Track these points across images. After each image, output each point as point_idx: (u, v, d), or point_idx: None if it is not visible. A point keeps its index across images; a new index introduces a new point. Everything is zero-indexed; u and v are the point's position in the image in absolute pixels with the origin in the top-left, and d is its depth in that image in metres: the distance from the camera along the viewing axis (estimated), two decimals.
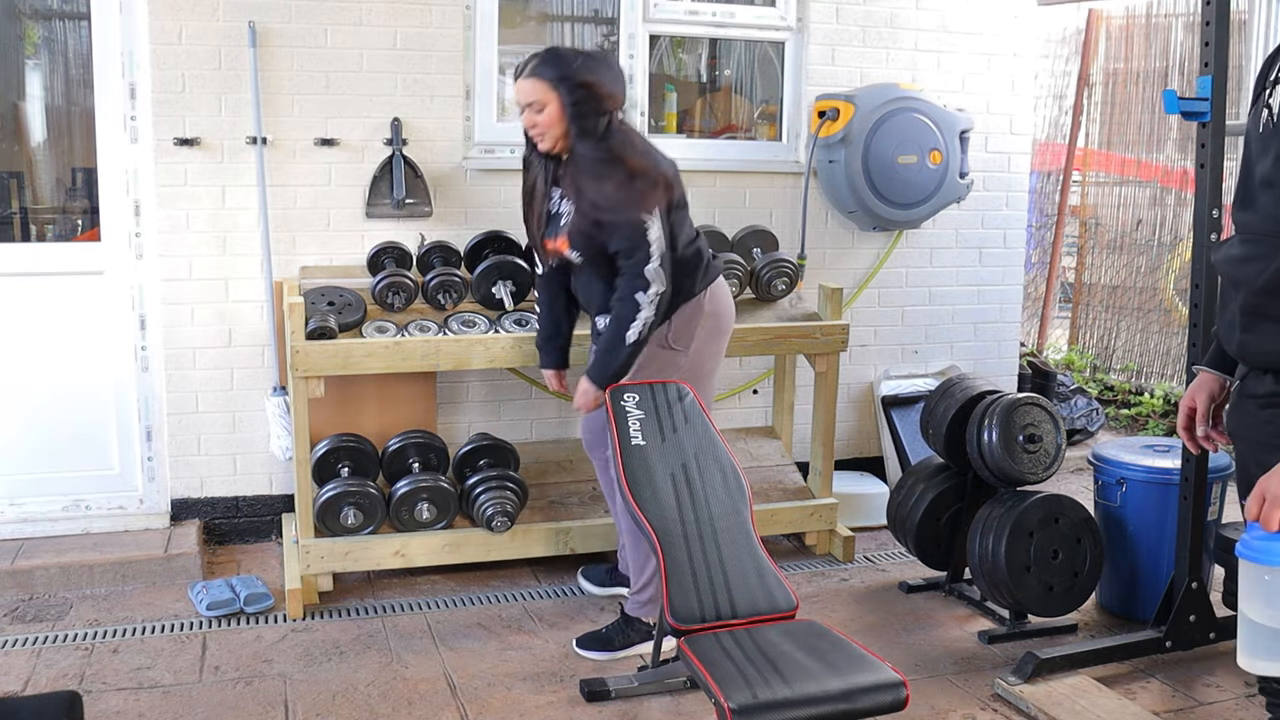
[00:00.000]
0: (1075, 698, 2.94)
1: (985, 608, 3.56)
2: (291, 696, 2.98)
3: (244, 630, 3.39)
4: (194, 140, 3.83)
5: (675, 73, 4.75)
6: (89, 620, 3.43)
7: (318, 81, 3.91)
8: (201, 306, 3.93)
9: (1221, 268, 1.92)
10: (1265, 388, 1.85)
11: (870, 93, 4.34)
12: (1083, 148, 6.61)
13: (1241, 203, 1.87)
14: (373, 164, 4.00)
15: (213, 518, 4.06)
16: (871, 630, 3.45)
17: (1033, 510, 3.30)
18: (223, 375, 3.98)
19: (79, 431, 3.94)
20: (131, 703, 2.93)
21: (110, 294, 3.91)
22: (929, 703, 2.99)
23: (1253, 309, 1.78)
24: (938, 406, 3.62)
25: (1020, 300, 5.05)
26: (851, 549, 4.07)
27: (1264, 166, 1.79)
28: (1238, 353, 1.88)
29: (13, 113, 4.00)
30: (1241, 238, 1.86)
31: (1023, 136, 4.85)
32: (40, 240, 4.03)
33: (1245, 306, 1.81)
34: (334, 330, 3.54)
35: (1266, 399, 1.84)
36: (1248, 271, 1.79)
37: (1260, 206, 1.80)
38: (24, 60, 4.02)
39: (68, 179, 4.09)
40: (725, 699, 2.13)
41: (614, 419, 2.85)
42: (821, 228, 4.56)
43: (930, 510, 3.61)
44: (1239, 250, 1.84)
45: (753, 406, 4.56)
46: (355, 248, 4.01)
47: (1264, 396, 1.85)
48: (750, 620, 2.52)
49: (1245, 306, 1.81)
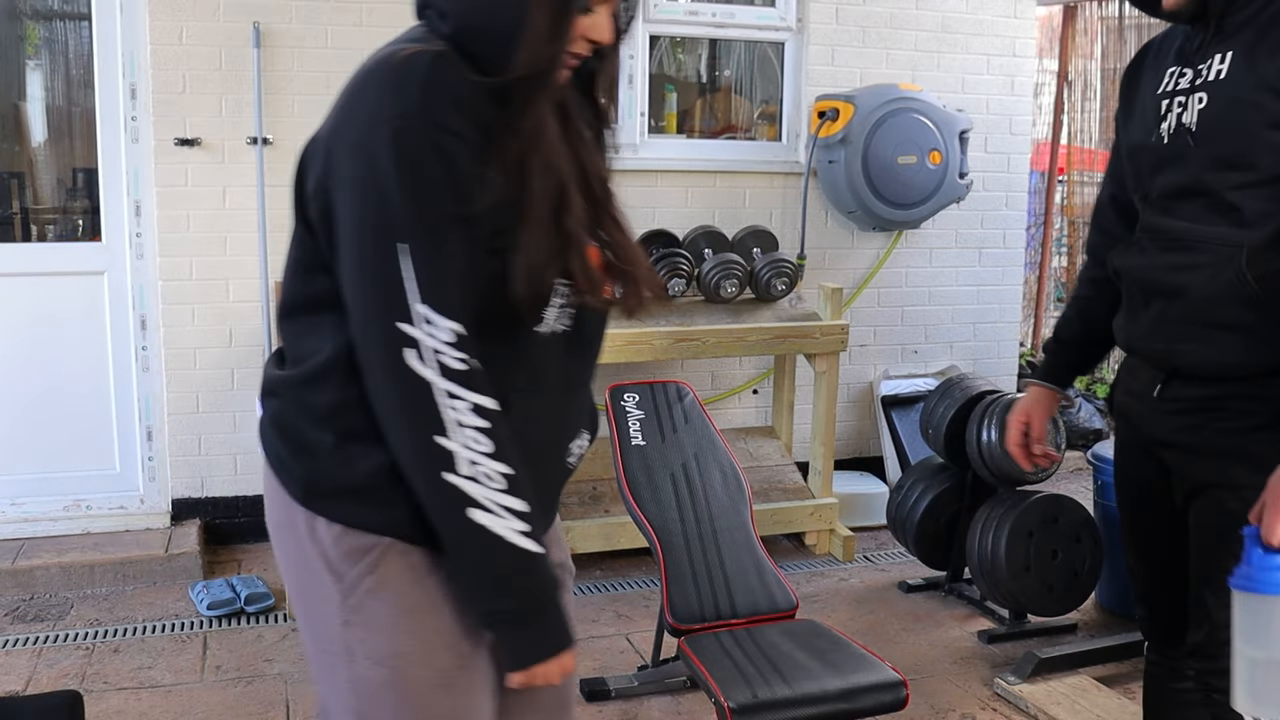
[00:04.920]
0: (1075, 697, 2.95)
1: (985, 607, 3.56)
2: (292, 696, 2.98)
3: (245, 630, 3.39)
4: (195, 140, 3.83)
5: (675, 73, 4.76)
6: (90, 620, 3.43)
7: (318, 82, 3.92)
8: (202, 306, 3.93)
9: (1140, 274, 1.87)
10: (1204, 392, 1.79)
11: (870, 93, 4.34)
12: (1066, 145, 6.61)
13: (1159, 209, 1.85)
14: None
15: (213, 517, 4.06)
16: (871, 630, 3.45)
17: (1032, 510, 3.30)
18: (223, 375, 3.98)
19: (80, 431, 3.94)
20: (132, 702, 2.93)
21: (111, 294, 3.91)
22: (929, 702, 2.99)
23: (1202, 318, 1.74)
24: (938, 406, 3.62)
25: (1020, 300, 5.06)
26: (851, 549, 4.07)
27: (1179, 176, 1.80)
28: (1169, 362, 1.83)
29: (14, 113, 4.00)
30: (1161, 244, 1.84)
31: (1022, 136, 4.85)
32: (41, 240, 4.03)
33: (1188, 315, 1.77)
34: None
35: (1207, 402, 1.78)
36: (1190, 279, 1.76)
37: (1182, 215, 1.79)
38: (25, 61, 4.02)
39: (68, 179, 4.09)
40: (725, 698, 2.13)
41: (614, 419, 2.85)
42: (821, 228, 4.57)
43: (930, 510, 3.61)
44: (1169, 258, 1.81)
45: (753, 406, 4.56)
46: None
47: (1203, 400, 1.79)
48: (750, 620, 2.52)
49: (1188, 315, 1.77)
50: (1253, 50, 1.69)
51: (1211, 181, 1.75)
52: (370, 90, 1.28)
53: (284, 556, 1.41)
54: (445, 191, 1.23)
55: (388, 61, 1.28)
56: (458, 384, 1.24)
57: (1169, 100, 1.82)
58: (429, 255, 1.23)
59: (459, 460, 1.24)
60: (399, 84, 1.25)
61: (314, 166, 1.32)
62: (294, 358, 1.39)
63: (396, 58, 1.28)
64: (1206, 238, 1.76)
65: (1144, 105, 1.90)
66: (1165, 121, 1.82)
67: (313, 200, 1.31)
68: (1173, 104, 1.81)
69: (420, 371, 1.23)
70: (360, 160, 1.24)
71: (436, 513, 1.27)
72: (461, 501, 1.25)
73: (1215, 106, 1.73)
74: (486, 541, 1.26)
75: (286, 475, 1.37)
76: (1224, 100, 1.71)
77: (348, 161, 1.26)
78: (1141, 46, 2.01)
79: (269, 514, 1.43)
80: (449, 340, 1.24)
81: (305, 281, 1.37)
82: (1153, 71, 1.90)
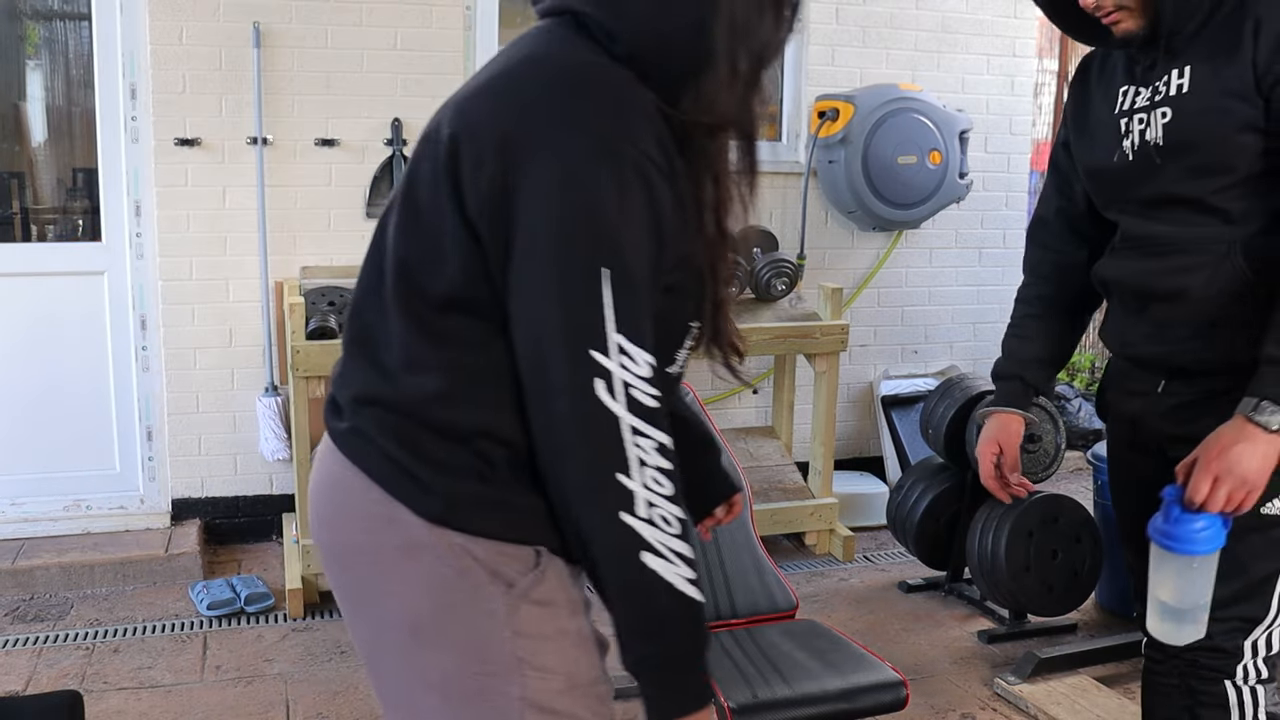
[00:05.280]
0: (1075, 697, 2.95)
1: (985, 607, 3.56)
2: (292, 696, 2.98)
3: (245, 630, 3.39)
4: (195, 140, 3.83)
5: None
6: (90, 620, 3.43)
7: (318, 82, 3.92)
8: (202, 306, 3.93)
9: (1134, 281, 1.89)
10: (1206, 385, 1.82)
11: (870, 93, 4.34)
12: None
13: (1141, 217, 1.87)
14: (373, 164, 4.01)
15: (213, 517, 4.06)
16: (871, 630, 3.45)
17: (1032, 510, 3.30)
18: (223, 375, 3.98)
19: (80, 431, 3.94)
20: (133, 702, 2.93)
21: (111, 294, 3.91)
22: (929, 702, 2.99)
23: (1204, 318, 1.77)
24: (938, 406, 3.62)
25: None
26: (851, 549, 4.07)
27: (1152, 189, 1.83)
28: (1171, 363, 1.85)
29: (14, 113, 4.00)
30: (1150, 251, 1.86)
31: (1022, 136, 4.85)
32: (41, 240, 4.03)
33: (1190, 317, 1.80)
34: (334, 330, 3.54)
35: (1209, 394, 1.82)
36: (1189, 281, 1.79)
37: (1173, 220, 1.82)
38: (25, 61, 4.02)
39: (68, 179, 4.09)
40: (725, 698, 2.13)
41: None
42: (821, 228, 4.57)
43: (930, 510, 3.61)
44: (1162, 262, 1.84)
45: (753, 406, 4.56)
46: (355, 248, 4.01)
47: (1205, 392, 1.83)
48: (750, 620, 2.52)
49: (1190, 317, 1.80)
50: (1212, 60, 1.73)
51: (1190, 190, 1.79)
52: (559, 94, 1.16)
53: (395, 579, 1.25)
54: (648, 218, 1.15)
55: (567, 66, 1.18)
56: (646, 420, 1.15)
57: (1128, 119, 1.85)
58: (632, 282, 1.13)
59: (638, 501, 1.15)
60: (597, 96, 1.15)
61: (478, 159, 1.17)
62: (408, 365, 1.23)
63: (581, 66, 1.18)
64: (1198, 239, 1.79)
65: (1099, 125, 1.92)
66: (1127, 139, 1.85)
67: (486, 200, 1.16)
68: (1132, 121, 1.84)
69: (609, 405, 1.14)
70: (566, 169, 1.12)
71: (605, 552, 1.18)
72: (636, 545, 1.16)
73: (1183, 119, 1.76)
74: (655, 587, 1.17)
75: (413, 492, 1.22)
76: (1192, 112, 1.75)
77: (546, 168, 1.13)
78: (1080, 63, 2.03)
79: (354, 532, 1.27)
80: (643, 374, 1.15)
81: (432, 280, 1.21)
82: (1102, 91, 1.93)
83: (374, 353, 1.26)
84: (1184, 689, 1.86)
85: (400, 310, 1.23)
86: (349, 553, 1.29)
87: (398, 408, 1.24)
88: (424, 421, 1.22)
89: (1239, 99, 1.70)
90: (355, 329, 1.31)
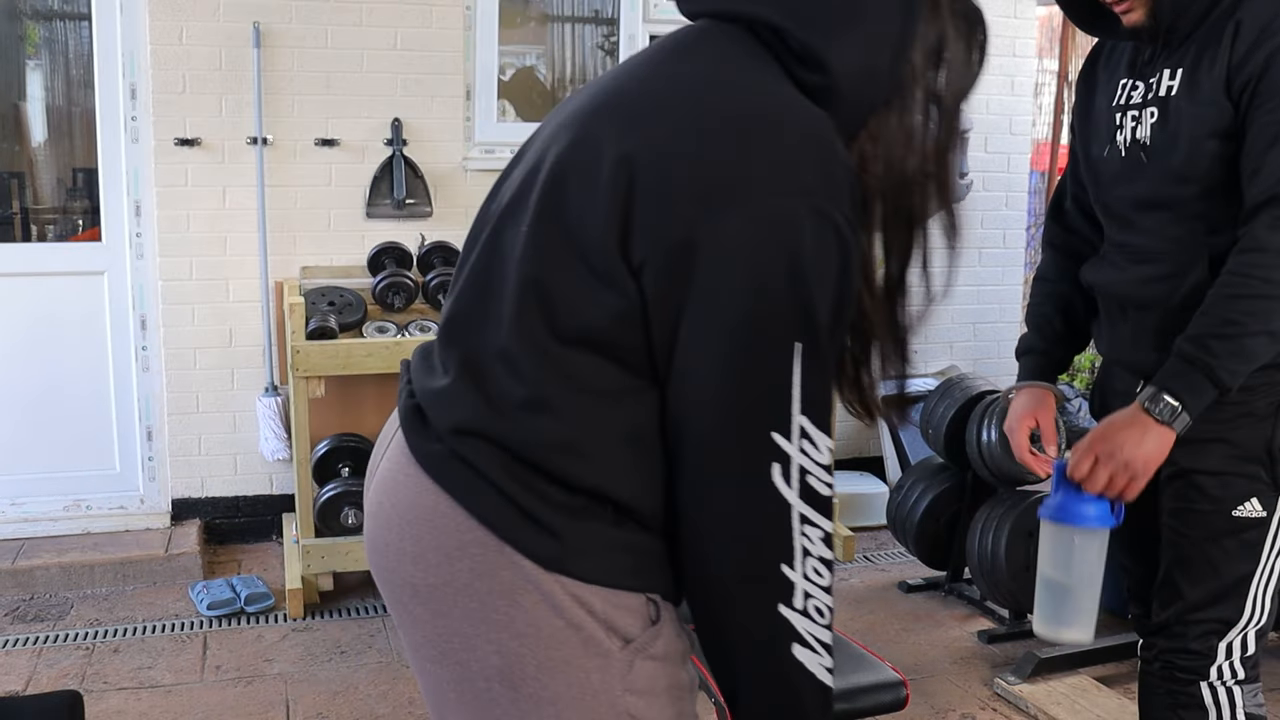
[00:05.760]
0: (1075, 697, 2.95)
1: (985, 607, 3.56)
2: (292, 696, 2.98)
3: (245, 630, 3.39)
4: (194, 140, 3.83)
5: None
6: (90, 620, 3.43)
7: (318, 82, 3.92)
8: (202, 306, 3.93)
9: (1116, 289, 1.90)
10: None
11: None
12: (1066, 145, 6.61)
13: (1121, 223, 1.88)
14: (373, 164, 4.01)
15: (213, 517, 4.06)
16: (871, 630, 3.45)
17: (1033, 510, 3.30)
18: (223, 375, 3.98)
19: (80, 431, 3.94)
20: (133, 702, 2.93)
21: (111, 294, 3.91)
22: (929, 702, 2.99)
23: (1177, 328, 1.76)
24: (938, 406, 3.62)
25: (1020, 300, 5.06)
26: (851, 549, 4.07)
27: (1138, 190, 1.83)
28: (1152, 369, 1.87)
29: (14, 113, 4.00)
30: (1129, 258, 1.87)
31: (1022, 136, 4.85)
32: (41, 240, 4.03)
33: (1165, 326, 1.80)
34: (334, 330, 3.54)
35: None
36: (1158, 291, 1.81)
37: (1148, 227, 1.82)
38: (25, 60, 4.02)
39: (68, 179, 4.09)
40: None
41: None
42: None
43: (930, 510, 3.61)
44: (1137, 271, 1.85)
45: None
46: (355, 248, 4.01)
47: None
48: None
49: (1165, 326, 1.80)
50: (1198, 63, 1.72)
51: (1171, 195, 1.79)
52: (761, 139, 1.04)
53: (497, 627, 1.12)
54: (843, 291, 1.05)
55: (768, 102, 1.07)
56: (816, 510, 1.06)
57: (1121, 114, 1.85)
58: (822, 359, 1.04)
59: (796, 593, 1.07)
60: (805, 148, 1.04)
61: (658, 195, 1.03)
62: (528, 405, 1.09)
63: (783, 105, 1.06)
64: (1169, 251, 1.80)
65: (1098, 116, 1.92)
66: (1120, 134, 1.85)
67: (660, 247, 1.02)
68: (1125, 118, 1.84)
69: (783, 492, 1.04)
70: (764, 231, 1.00)
71: (753, 643, 1.09)
72: (788, 636, 1.08)
73: (1167, 122, 1.77)
74: (798, 679, 1.10)
75: (527, 533, 1.10)
76: (1175, 115, 1.75)
77: (741, 226, 1.00)
78: (1091, 50, 2.02)
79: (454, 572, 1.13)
80: (822, 461, 1.05)
81: (571, 310, 1.07)
82: (1106, 79, 1.92)
83: (484, 384, 1.11)
84: (1165, 690, 1.88)
85: (521, 335, 1.09)
86: (443, 593, 1.14)
87: (509, 446, 1.10)
88: (538, 466, 1.09)
89: (1212, 105, 1.70)
90: (461, 349, 1.15)
